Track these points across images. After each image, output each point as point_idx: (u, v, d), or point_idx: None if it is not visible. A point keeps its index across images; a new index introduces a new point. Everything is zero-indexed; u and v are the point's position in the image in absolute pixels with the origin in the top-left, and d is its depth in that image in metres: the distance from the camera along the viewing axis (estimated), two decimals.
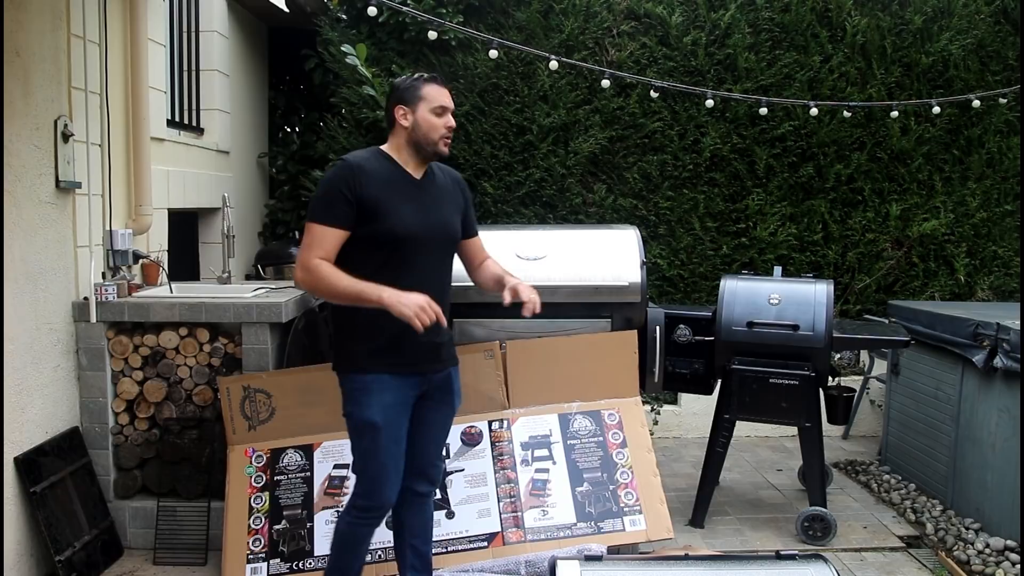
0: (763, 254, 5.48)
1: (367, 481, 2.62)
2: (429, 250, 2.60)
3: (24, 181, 3.19)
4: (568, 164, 5.35)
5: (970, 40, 5.53)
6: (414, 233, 2.54)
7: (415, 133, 2.58)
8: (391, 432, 2.57)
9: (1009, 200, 5.68)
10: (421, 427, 2.70)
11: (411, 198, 2.58)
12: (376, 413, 2.54)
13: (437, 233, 2.62)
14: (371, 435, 2.56)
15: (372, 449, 2.57)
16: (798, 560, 2.51)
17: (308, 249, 2.48)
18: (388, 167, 2.60)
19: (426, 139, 2.58)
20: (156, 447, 3.63)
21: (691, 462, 4.77)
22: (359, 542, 2.70)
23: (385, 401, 2.55)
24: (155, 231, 4.35)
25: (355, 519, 2.65)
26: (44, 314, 3.36)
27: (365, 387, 2.55)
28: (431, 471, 2.78)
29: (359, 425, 2.58)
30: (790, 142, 5.48)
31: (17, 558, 3.15)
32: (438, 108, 2.58)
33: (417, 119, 2.58)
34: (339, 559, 2.71)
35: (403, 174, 2.61)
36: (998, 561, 3.47)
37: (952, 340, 3.98)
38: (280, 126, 7.05)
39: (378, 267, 2.52)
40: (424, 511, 2.81)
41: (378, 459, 2.57)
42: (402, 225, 2.52)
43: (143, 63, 4.08)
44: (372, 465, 2.59)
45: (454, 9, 5.14)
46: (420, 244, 2.56)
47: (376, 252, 2.53)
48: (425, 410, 2.69)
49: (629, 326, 3.59)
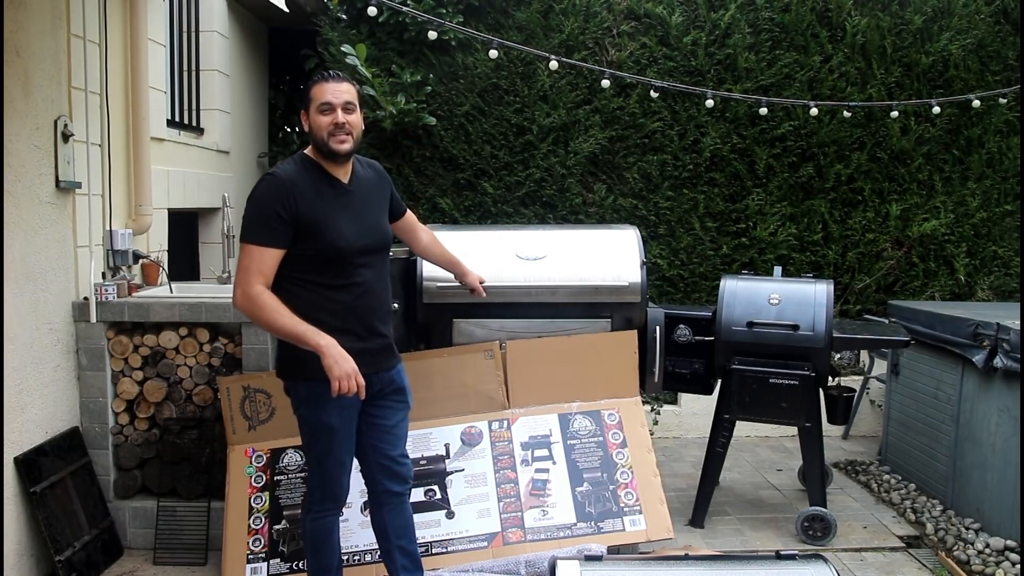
0: (763, 254, 5.48)
1: (325, 478, 2.67)
2: (370, 258, 2.61)
3: (24, 181, 3.19)
4: (568, 164, 5.36)
5: (970, 40, 5.53)
6: (354, 244, 2.54)
7: (312, 136, 2.57)
8: (346, 431, 2.64)
9: (1009, 200, 5.68)
10: (381, 428, 2.72)
11: (344, 207, 2.57)
12: (334, 417, 2.59)
13: (375, 239, 2.63)
14: (327, 436, 2.62)
15: (327, 449, 2.64)
16: (798, 560, 2.51)
17: (247, 272, 2.43)
18: (317, 178, 2.56)
19: (319, 139, 2.54)
20: (156, 447, 3.63)
21: (691, 462, 4.77)
22: (327, 535, 2.76)
23: (343, 404, 2.56)
24: (155, 231, 4.35)
25: (317, 515, 2.72)
26: (44, 314, 3.36)
27: (321, 393, 2.51)
28: (401, 469, 2.79)
29: (316, 428, 2.62)
30: (790, 142, 5.48)
31: (17, 558, 3.15)
32: (321, 105, 2.53)
33: (311, 122, 2.57)
34: (315, 558, 2.78)
35: (331, 182, 2.58)
36: (998, 561, 3.47)
37: (952, 340, 3.98)
38: (280, 126, 7.05)
39: (321, 282, 2.54)
40: (404, 511, 2.82)
41: (335, 457, 2.64)
42: (343, 239, 2.51)
43: (143, 63, 4.08)
44: (330, 463, 2.65)
45: (454, 9, 5.14)
46: (360, 254, 2.57)
47: (318, 267, 2.52)
48: (382, 411, 2.72)
49: (629, 326, 3.59)
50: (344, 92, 2.55)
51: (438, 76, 5.30)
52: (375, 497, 2.80)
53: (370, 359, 2.60)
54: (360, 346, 2.56)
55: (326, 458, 2.65)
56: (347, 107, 2.54)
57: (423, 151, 5.42)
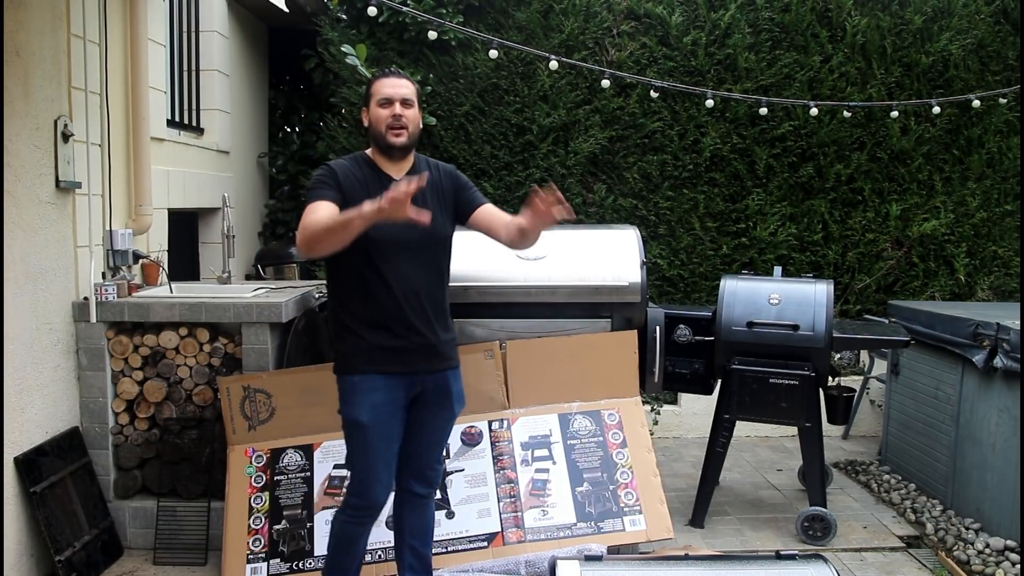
0: (763, 254, 5.49)
1: (357, 480, 2.64)
2: (410, 251, 2.56)
3: (24, 181, 3.19)
4: (568, 164, 5.36)
5: (970, 40, 5.53)
6: (389, 235, 2.49)
7: (371, 130, 2.61)
8: (380, 432, 2.58)
9: (1009, 200, 5.68)
10: (417, 430, 2.70)
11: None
12: (364, 413, 2.55)
13: (417, 233, 2.48)
14: (359, 434, 2.58)
15: (360, 448, 2.60)
16: (798, 560, 2.51)
17: (303, 220, 2.47)
18: (367, 172, 2.60)
19: (377, 132, 2.59)
20: (156, 447, 3.63)
21: (691, 462, 4.77)
22: (353, 541, 2.71)
23: (374, 401, 2.55)
24: (155, 231, 4.35)
25: (348, 518, 2.68)
26: (44, 314, 3.36)
27: (354, 387, 2.57)
28: (429, 473, 2.78)
29: (348, 424, 2.61)
30: (790, 142, 5.48)
31: (17, 558, 3.15)
32: (380, 100, 2.58)
33: (370, 116, 2.61)
34: (335, 558, 2.74)
35: (380, 176, 2.60)
36: (998, 561, 3.47)
37: (952, 340, 3.98)
38: (280, 126, 7.05)
39: (358, 269, 2.54)
40: (424, 513, 2.81)
41: (366, 458, 2.60)
42: (376, 229, 2.47)
43: (143, 63, 4.08)
44: (360, 464, 2.62)
45: (454, 9, 5.14)
46: (398, 245, 2.53)
47: (356, 258, 2.53)
48: (422, 412, 2.69)
49: (629, 326, 3.59)
50: (403, 87, 2.59)
51: (438, 76, 5.30)
52: (399, 493, 2.79)
53: (406, 357, 2.58)
54: (393, 343, 2.55)
55: (359, 458, 2.61)
56: (405, 102, 2.58)
57: (423, 151, 5.41)
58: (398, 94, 2.57)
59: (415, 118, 2.61)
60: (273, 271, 5.49)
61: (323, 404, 3.39)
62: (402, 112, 2.56)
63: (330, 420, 3.40)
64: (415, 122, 2.61)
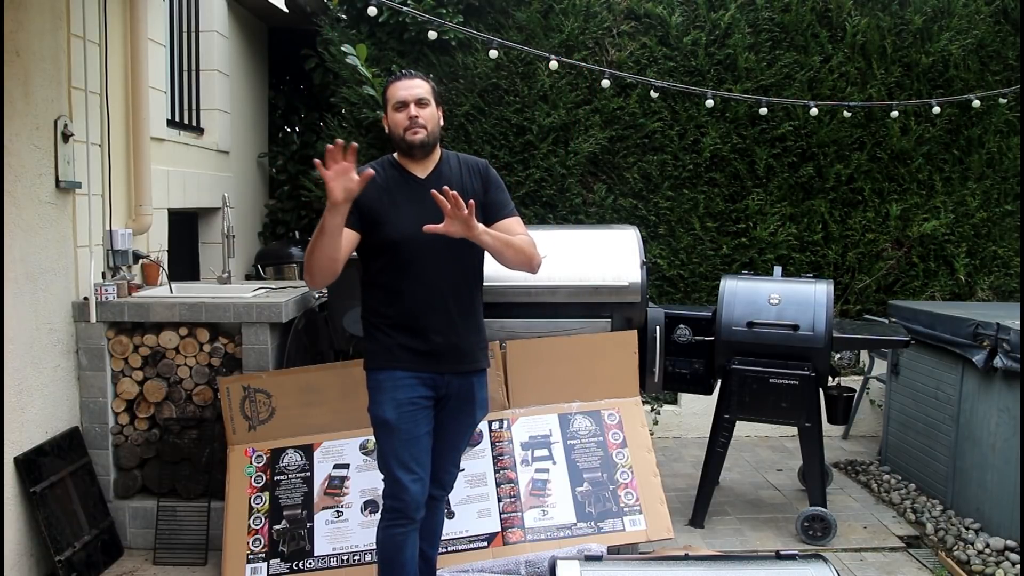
0: (763, 254, 5.48)
1: (389, 480, 2.60)
2: (434, 252, 2.53)
3: (24, 181, 3.19)
4: (568, 164, 5.35)
5: (970, 40, 5.53)
6: (412, 236, 2.49)
7: (392, 135, 2.63)
8: (407, 429, 2.55)
9: (1009, 200, 5.68)
10: (437, 434, 2.68)
11: (412, 200, 2.56)
12: (389, 411, 2.55)
13: (442, 235, 2.43)
14: (386, 432, 2.57)
15: (389, 446, 2.57)
16: (798, 560, 2.50)
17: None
18: (391, 173, 2.61)
19: (396, 136, 2.60)
20: (156, 447, 3.63)
21: (691, 462, 4.77)
22: (398, 550, 2.59)
23: (398, 398, 2.54)
24: (155, 231, 4.35)
25: (387, 523, 2.60)
26: (44, 314, 3.36)
27: (379, 385, 2.58)
28: (444, 477, 2.77)
29: (376, 424, 2.60)
30: (790, 142, 5.48)
31: (17, 558, 3.15)
32: (396, 104, 2.58)
33: (389, 121, 2.63)
34: (384, 573, 2.64)
35: (405, 177, 2.61)
36: (998, 561, 3.47)
37: (952, 340, 3.98)
38: (280, 126, 7.05)
39: (381, 270, 2.56)
40: (435, 515, 2.81)
41: (396, 455, 2.56)
42: (398, 231, 2.51)
43: (143, 63, 4.08)
44: (390, 461, 2.57)
45: (454, 9, 5.13)
46: (422, 246, 2.51)
47: (379, 256, 2.56)
48: (442, 415, 2.67)
49: (629, 326, 3.59)
50: (416, 87, 2.59)
51: (438, 76, 5.29)
52: None
53: (429, 358, 2.57)
54: (414, 344, 2.55)
55: (387, 459, 2.57)
56: (420, 102, 2.58)
57: None
58: (412, 95, 2.57)
59: (432, 115, 2.60)
60: (273, 271, 5.49)
61: (323, 404, 3.40)
62: (417, 112, 2.56)
63: (330, 420, 3.41)
64: (433, 120, 2.60)
